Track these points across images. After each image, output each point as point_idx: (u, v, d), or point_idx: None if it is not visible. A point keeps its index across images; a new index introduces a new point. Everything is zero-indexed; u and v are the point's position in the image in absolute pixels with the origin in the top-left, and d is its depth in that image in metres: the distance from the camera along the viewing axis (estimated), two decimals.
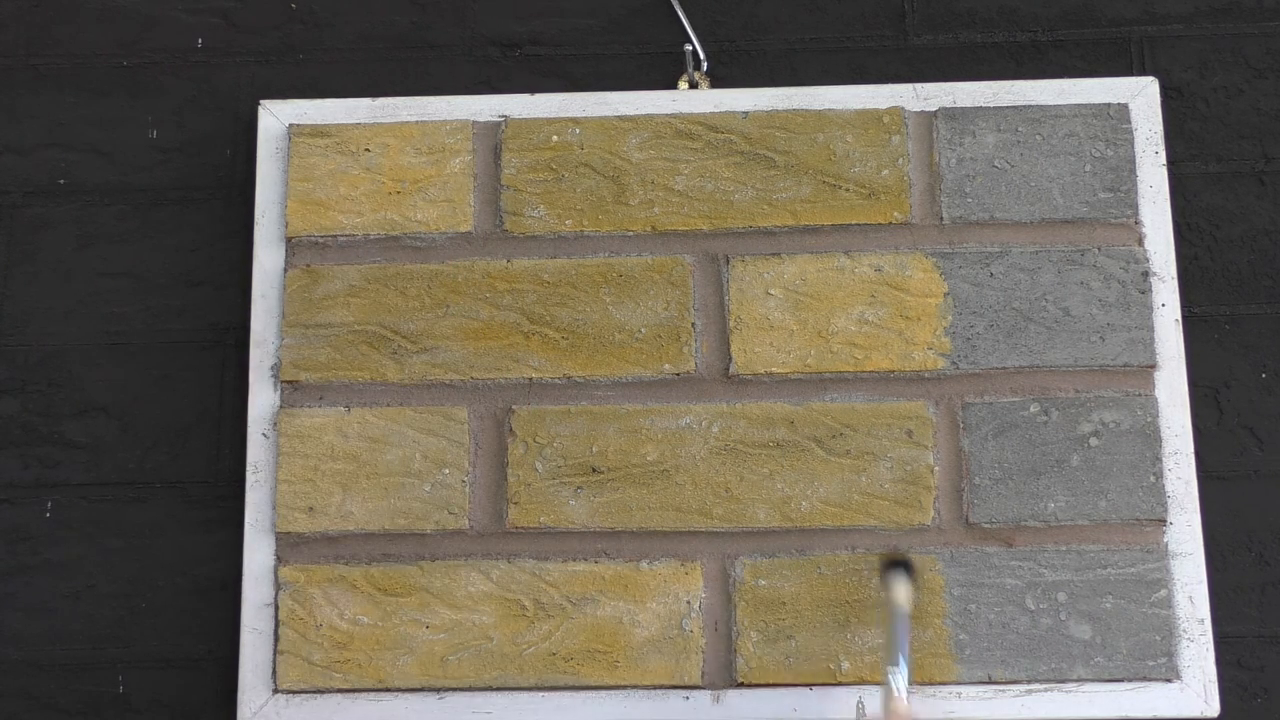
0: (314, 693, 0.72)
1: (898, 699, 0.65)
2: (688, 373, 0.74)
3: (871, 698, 0.70)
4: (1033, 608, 0.71)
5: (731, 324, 0.75)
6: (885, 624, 0.69)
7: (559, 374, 0.74)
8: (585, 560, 0.73)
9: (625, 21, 0.83)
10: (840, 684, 0.71)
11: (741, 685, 0.71)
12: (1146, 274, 0.74)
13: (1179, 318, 0.74)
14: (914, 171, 0.76)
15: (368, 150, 0.77)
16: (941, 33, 0.82)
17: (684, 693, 0.71)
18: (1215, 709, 0.70)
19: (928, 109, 0.77)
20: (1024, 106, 0.77)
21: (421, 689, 0.72)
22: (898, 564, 0.70)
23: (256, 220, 0.78)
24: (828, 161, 0.76)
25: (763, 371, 0.74)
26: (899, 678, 0.66)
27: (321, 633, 0.72)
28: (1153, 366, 0.73)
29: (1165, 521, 0.72)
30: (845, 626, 0.71)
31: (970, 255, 0.75)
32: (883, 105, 0.77)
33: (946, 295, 0.75)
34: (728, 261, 0.76)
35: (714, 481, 0.73)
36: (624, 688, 0.71)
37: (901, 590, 0.69)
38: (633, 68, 0.82)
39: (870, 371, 0.74)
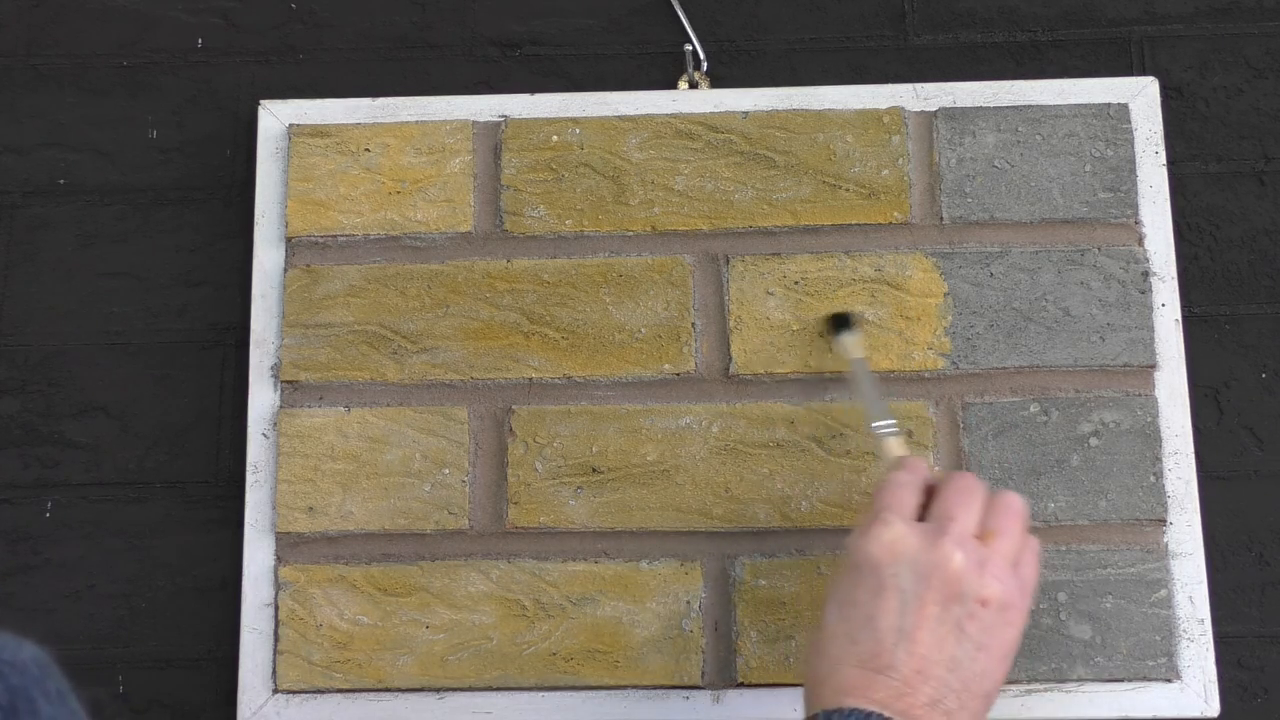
0: (314, 693, 0.72)
1: (898, 447, 0.67)
2: (688, 373, 0.74)
3: None
4: (1032, 607, 0.71)
5: (731, 324, 0.75)
6: (855, 384, 0.70)
7: (559, 374, 0.74)
8: (585, 560, 0.73)
9: (625, 21, 0.83)
10: None
11: (741, 685, 0.71)
12: (1146, 274, 0.74)
13: (1179, 318, 0.74)
14: (914, 171, 0.76)
15: (368, 150, 0.77)
16: (941, 33, 0.82)
17: (684, 693, 0.71)
18: (1215, 709, 0.70)
19: (928, 109, 0.77)
20: (1024, 106, 0.77)
21: (421, 689, 0.72)
22: (839, 320, 0.72)
23: (256, 220, 0.78)
24: (828, 161, 0.76)
25: (763, 371, 0.74)
26: (891, 428, 0.68)
27: (321, 633, 0.72)
28: (1153, 366, 0.73)
29: (1165, 521, 0.72)
30: None
31: (970, 255, 0.75)
32: (883, 105, 0.77)
33: (946, 295, 0.75)
34: (728, 261, 0.76)
35: (714, 481, 0.73)
36: (624, 688, 0.71)
37: (854, 343, 0.71)
38: (633, 68, 0.82)
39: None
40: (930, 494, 0.62)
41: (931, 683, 0.57)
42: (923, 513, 0.61)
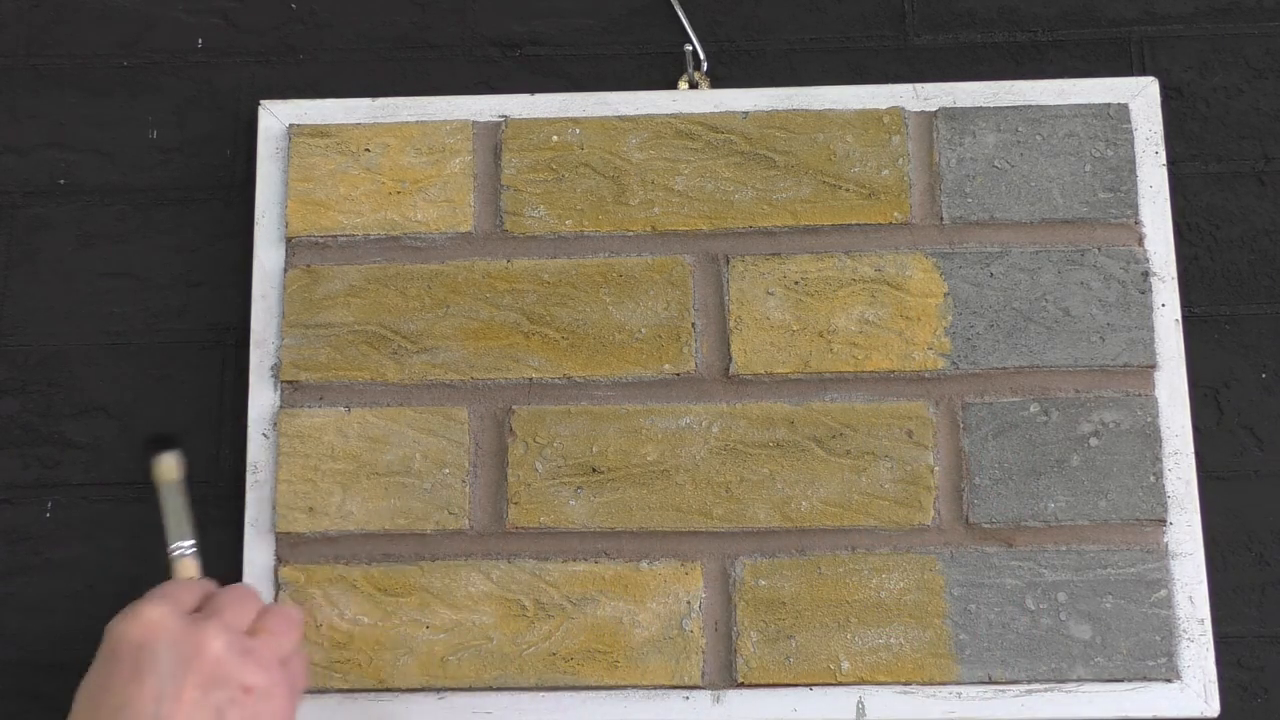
0: (314, 693, 0.72)
1: (192, 569, 0.67)
2: (688, 373, 0.74)
3: (871, 697, 0.70)
4: (1033, 608, 0.71)
5: (731, 324, 0.75)
6: (164, 503, 0.70)
7: (559, 374, 0.74)
8: (585, 560, 0.73)
9: (625, 21, 0.83)
10: (840, 684, 0.71)
11: (741, 685, 0.71)
12: (1146, 274, 0.75)
13: (1179, 318, 0.74)
14: (914, 171, 0.76)
15: (368, 150, 0.77)
16: (941, 33, 0.82)
17: (684, 693, 0.71)
18: (1215, 709, 0.70)
19: (928, 109, 0.77)
20: (1024, 106, 0.77)
21: (421, 689, 0.72)
22: (157, 441, 0.71)
23: (256, 220, 0.78)
24: (828, 161, 0.76)
25: (763, 371, 0.74)
26: (189, 549, 0.68)
27: (321, 633, 0.72)
28: (1153, 366, 0.73)
29: (1165, 521, 0.72)
30: (845, 626, 0.71)
31: (970, 255, 0.75)
32: (883, 105, 0.77)
33: (946, 295, 0.75)
34: (728, 261, 0.76)
35: (714, 481, 0.73)
36: (624, 688, 0.71)
37: (171, 465, 0.70)
38: (633, 68, 0.82)
39: (870, 371, 0.74)
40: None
41: None
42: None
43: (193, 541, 0.69)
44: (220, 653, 0.57)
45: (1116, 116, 0.76)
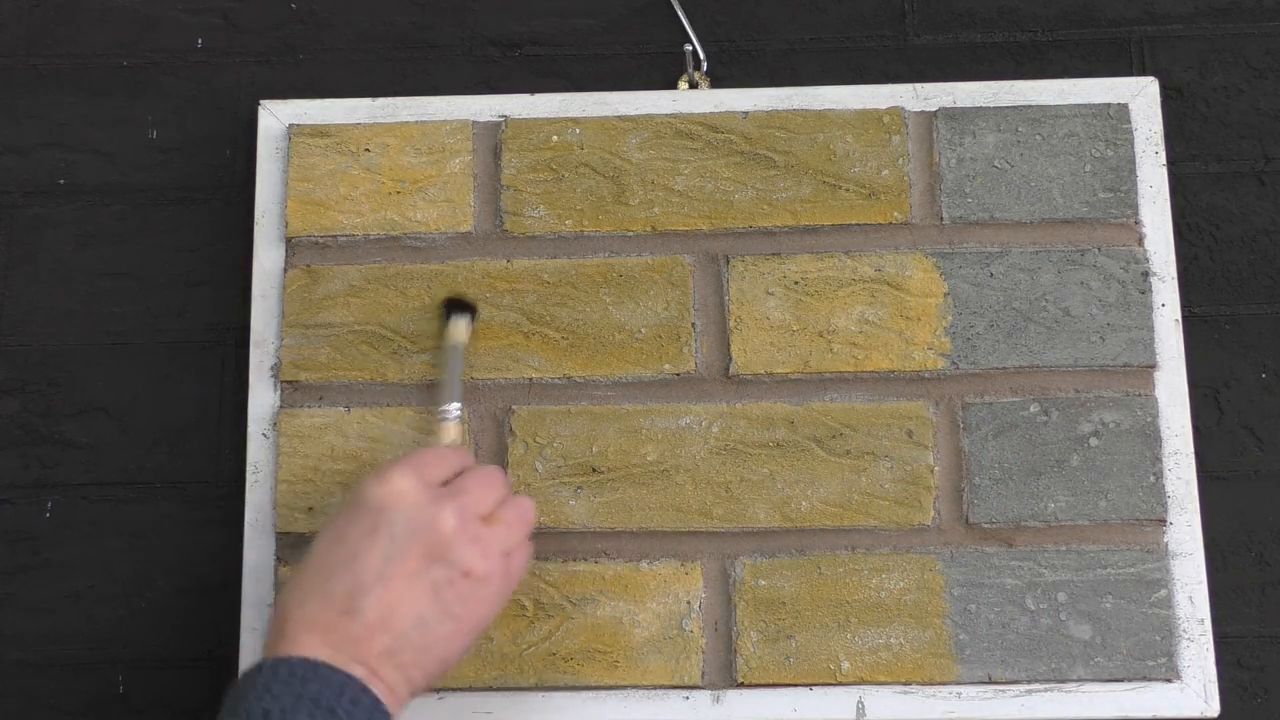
0: None
1: (454, 434, 0.70)
2: (688, 373, 0.74)
3: (871, 697, 0.70)
4: (1033, 608, 0.71)
5: (731, 324, 0.75)
6: (447, 364, 0.72)
7: (559, 374, 0.74)
8: (585, 560, 0.73)
9: (625, 21, 0.83)
10: (840, 684, 0.71)
11: (741, 685, 0.71)
12: (1146, 274, 0.75)
13: (1179, 318, 0.74)
14: (914, 171, 0.76)
15: (368, 150, 0.77)
16: (941, 33, 0.82)
17: (684, 693, 0.71)
18: (1215, 709, 0.70)
19: (928, 109, 0.77)
20: (1024, 106, 0.77)
21: None
22: (455, 304, 0.73)
23: (256, 220, 0.78)
24: (828, 161, 0.76)
25: (763, 371, 0.74)
26: (456, 414, 0.70)
27: None
28: (1153, 366, 0.73)
29: (1165, 521, 0.72)
30: (845, 626, 0.71)
31: (970, 255, 0.75)
32: (883, 105, 0.77)
33: (946, 295, 0.75)
34: (728, 261, 0.76)
35: (714, 481, 0.73)
36: (624, 688, 0.71)
37: (463, 329, 0.73)
38: (633, 68, 0.82)
39: (870, 371, 0.74)
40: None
41: (391, 634, 0.58)
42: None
43: (459, 405, 0.70)
44: (450, 532, 0.60)
45: (1116, 116, 0.76)
